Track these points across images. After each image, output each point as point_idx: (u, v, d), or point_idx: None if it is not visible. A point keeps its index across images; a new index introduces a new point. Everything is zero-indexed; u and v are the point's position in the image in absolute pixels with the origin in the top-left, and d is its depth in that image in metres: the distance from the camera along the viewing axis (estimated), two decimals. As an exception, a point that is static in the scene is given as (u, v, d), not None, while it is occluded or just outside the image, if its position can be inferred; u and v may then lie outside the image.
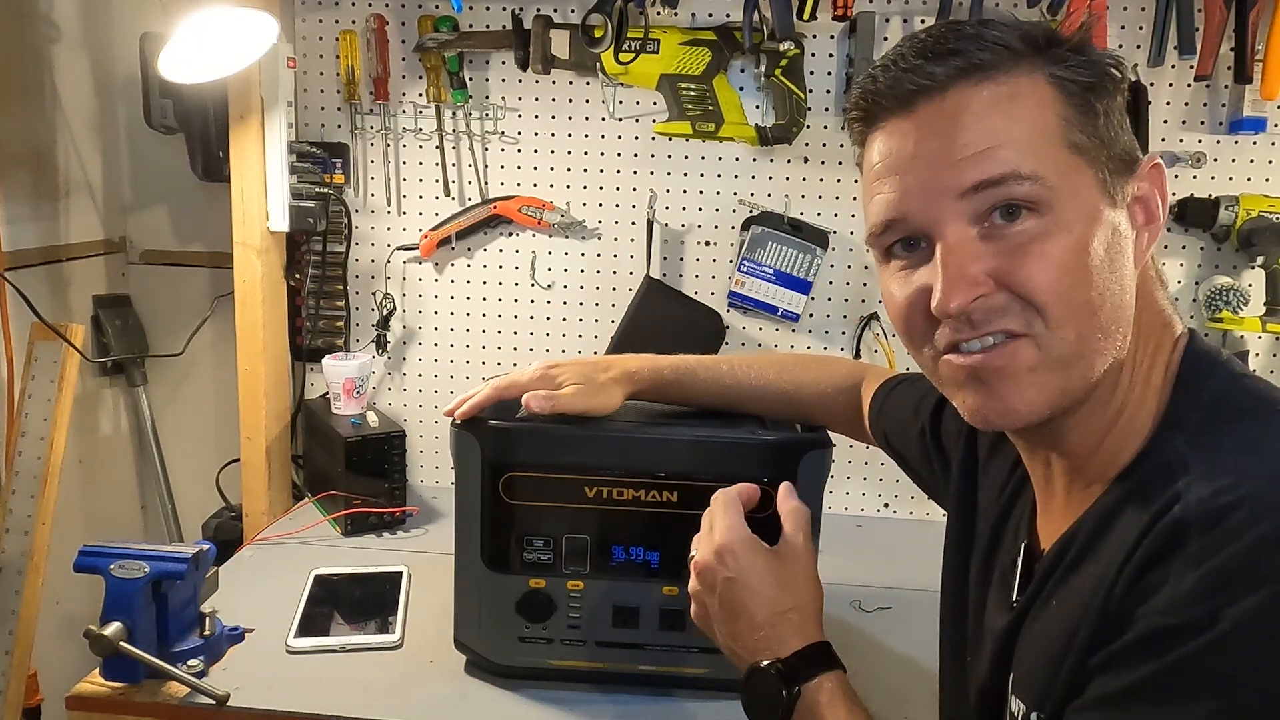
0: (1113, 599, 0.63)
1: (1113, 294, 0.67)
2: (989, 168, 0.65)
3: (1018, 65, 0.67)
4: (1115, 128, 0.68)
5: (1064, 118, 0.67)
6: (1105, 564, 0.65)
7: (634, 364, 1.18)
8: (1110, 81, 0.68)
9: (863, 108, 0.72)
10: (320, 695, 1.14)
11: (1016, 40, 0.68)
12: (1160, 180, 0.71)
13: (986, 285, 0.66)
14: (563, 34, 1.64)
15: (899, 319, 0.73)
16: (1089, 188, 0.67)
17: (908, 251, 0.71)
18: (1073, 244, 0.65)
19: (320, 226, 1.71)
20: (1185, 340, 0.72)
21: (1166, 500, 0.63)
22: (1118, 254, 0.67)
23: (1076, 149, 0.66)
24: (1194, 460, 0.64)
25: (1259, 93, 1.55)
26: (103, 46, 1.81)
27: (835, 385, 1.19)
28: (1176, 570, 0.60)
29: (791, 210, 1.68)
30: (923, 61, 0.67)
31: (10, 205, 1.62)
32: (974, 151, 0.66)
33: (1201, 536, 0.60)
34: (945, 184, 0.66)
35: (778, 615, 0.83)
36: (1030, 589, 0.75)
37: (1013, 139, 0.65)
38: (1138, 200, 0.70)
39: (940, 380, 0.73)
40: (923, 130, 0.67)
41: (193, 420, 1.92)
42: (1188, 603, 0.59)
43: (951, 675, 0.90)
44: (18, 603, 1.48)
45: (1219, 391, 0.68)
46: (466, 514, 1.13)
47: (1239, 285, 1.60)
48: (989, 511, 0.87)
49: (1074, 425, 0.71)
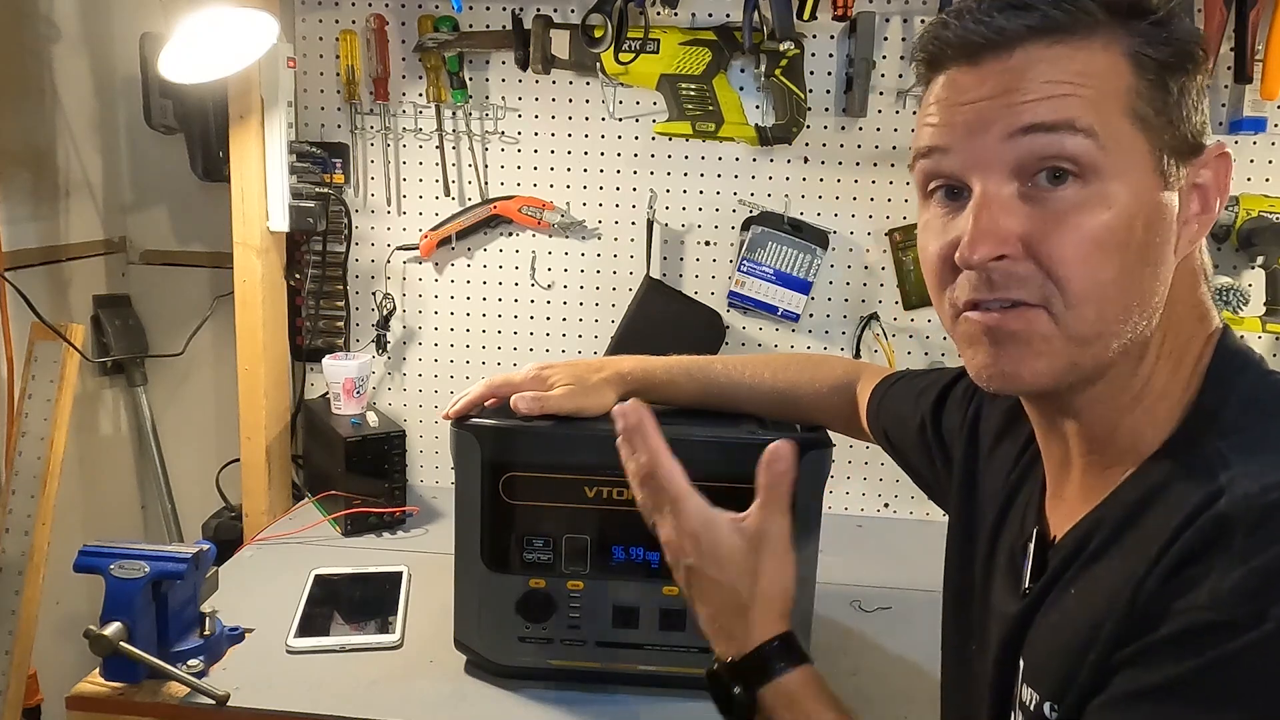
0: (1144, 592, 0.61)
1: (1143, 279, 0.65)
2: (1044, 112, 0.63)
3: (1094, 32, 0.64)
4: (1188, 107, 0.65)
5: (1133, 88, 0.64)
6: (1136, 556, 0.63)
7: (627, 365, 1.18)
8: (1190, 61, 0.66)
9: (930, 52, 0.70)
10: (320, 695, 1.14)
11: (1098, 3, 0.64)
12: (1225, 170, 0.68)
13: (1014, 247, 0.64)
14: (563, 34, 1.64)
15: (928, 266, 0.71)
16: (1142, 163, 0.64)
17: (950, 199, 0.69)
18: (1112, 220, 0.63)
19: (320, 226, 1.71)
20: (1219, 334, 0.70)
21: (1208, 494, 0.60)
22: (1157, 237, 0.65)
23: (1139, 120, 0.64)
24: (1234, 456, 0.62)
25: (1259, 93, 1.55)
26: (103, 46, 1.81)
27: (831, 385, 1.18)
28: (1220, 566, 0.58)
29: (791, 210, 1.68)
30: (995, 15, 0.65)
31: (10, 205, 1.62)
32: (1032, 98, 0.63)
33: (1249, 533, 0.58)
34: (997, 124, 0.65)
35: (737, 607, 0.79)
36: (1046, 576, 0.73)
37: (1076, 92, 0.63)
38: (1196, 188, 0.67)
39: (956, 335, 0.71)
40: (985, 81, 0.65)
41: (193, 420, 1.92)
42: (1232, 599, 0.56)
43: (955, 667, 0.89)
44: (18, 603, 1.48)
45: (1252, 388, 0.67)
46: (466, 514, 1.13)
47: (1239, 285, 1.60)
48: (994, 497, 0.86)
49: (1090, 402, 0.70)
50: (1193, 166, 0.67)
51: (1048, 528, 0.77)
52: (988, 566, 0.84)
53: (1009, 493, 0.85)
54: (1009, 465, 0.86)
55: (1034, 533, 0.78)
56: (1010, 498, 0.84)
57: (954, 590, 0.90)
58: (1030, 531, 0.78)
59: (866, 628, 1.36)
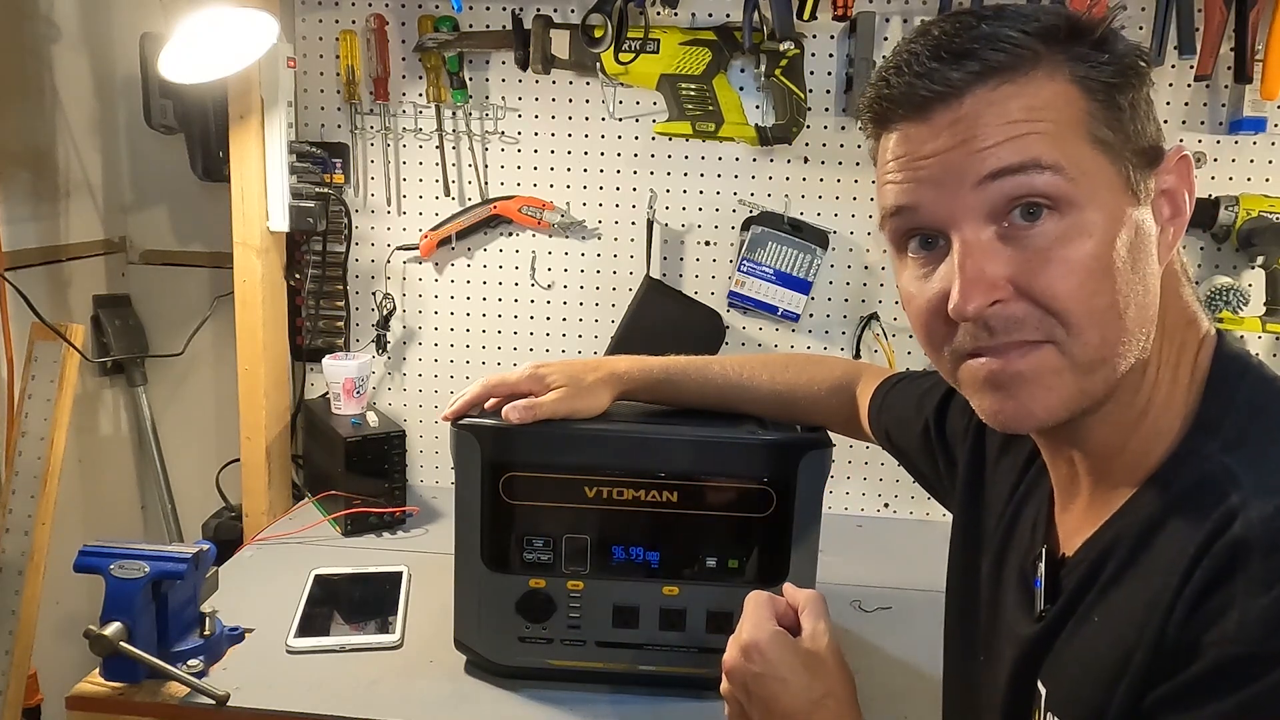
0: (1172, 623, 0.61)
1: (1137, 295, 0.65)
2: (1007, 155, 0.63)
3: (1036, 64, 0.64)
4: (1141, 120, 0.66)
5: (1088, 112, 0.64)
6: (1157, 583, 0.62)
7: (623, 365, 1.18)
8: (1135, 75, 0.66)
9: (876, 111, 0.70)
10: (320, 695, 1.14)
11: (1034, 36, 0.64)
12: (1187, 173, 0.68)
13: (1005, 290, 0.64)
14: (563, 34, 1.64)
15: (917, 322, 0.71)
16: (1112, 184, 0.65)
17: (925, 250, 0.69)
18: (1095, 247, 0.63)
19: (320, 226, 1.71)
20: (1214, 340, 0.70)
21: (1222, 516, 0.60)
22: (1141, 252, 0.65)
23: (1100, 144, 0.64)
24: (1243, 472, 0.62)
25: (1259, 93, 1.55)
26: (103, 46, 1.81)
27: (829, 385, 1.18)
28: (1242, 593, 0.57)
29: (791, 210, 1.68)
30: (936, 65, 0.65)
31: (10, 205, 1.62)
32: (993, 143, 0.63)
33: (1266, 558, 0.57)
34: (962, 174, 0.64)
35: (812, 703, 0.79)
36: (1063, 600, 0.72)
37: (1034, 129, 0.63)
38: (1164, 194, 0.68)
39: (959, 383, 0.71)
40: (939, 133, 0.65)
41: (193, 420, 1.92)
42: (1260, 631, 0.56)
43: (959, 675, 0.89)
44: (18, 603, 1.48)
45: (1253, 396, 0.67)
46: (466, 514, 1.13)
47: (1239, 285, 1.60)
48: (1000, 508, 0.85)
49: (1096, 424, 0.69)
50: (1157, 174, 0.67)
51: (1057, 544, 0.77)
52: (995, 579, 0.83)
53: (1017, 504, 0.84)
54: (1015, 474, 0.85)
55: (1043, 550, 0.77)
56: (1018, 509, 0.83)
57: (958, 598, 0.90)
58: (1039, 547, 0.78)
59: (866, 628, 1.36)
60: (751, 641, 0.81)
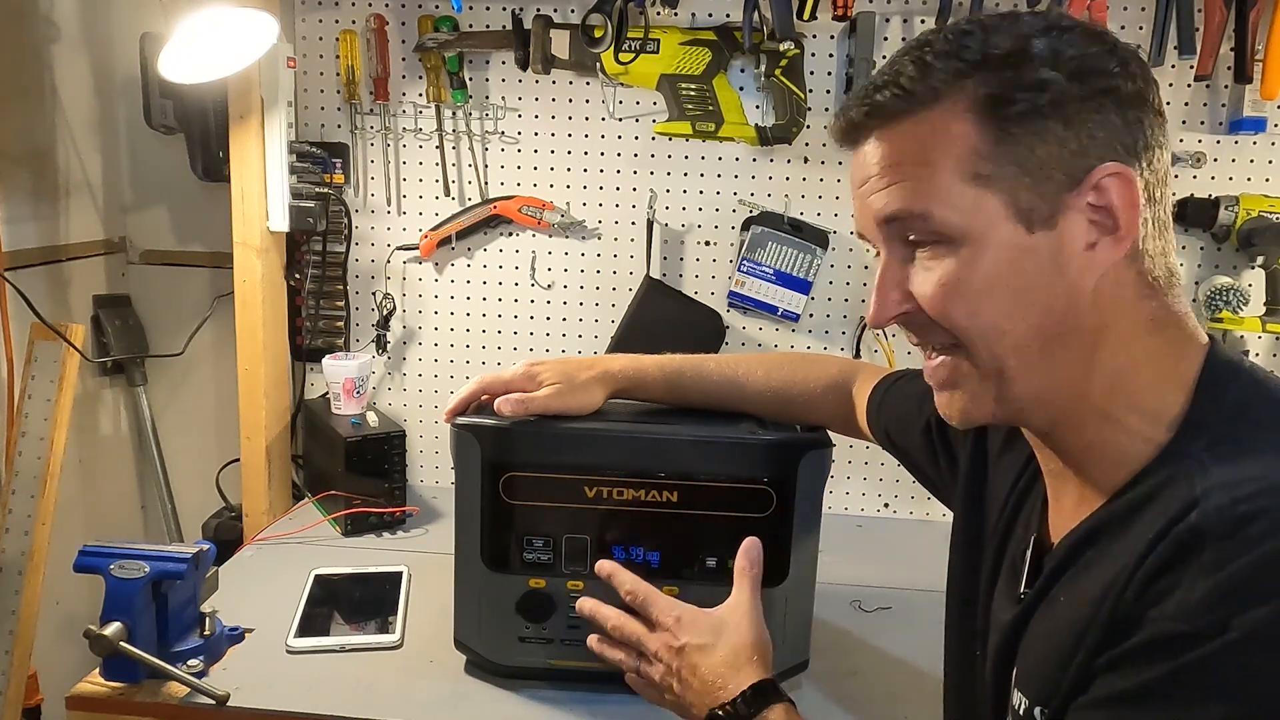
0: (1124, 601, 0.64)
1: (1027, 315, 0.68)
2: (884, 203, 0.70)
3: (937, 99, 0.67)
4: (1051, 146, 0.66)
5: (973, 149, 0.66)
6: (1117, 566, 0.65)
7: (617, 363, 1.18)
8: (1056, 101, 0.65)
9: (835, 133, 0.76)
10: (320, 695, 1.14)
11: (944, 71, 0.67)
12: (1122, 188, 0.66)
13: (908, 304, 0.71)
14: (563, 34, 1.64)
15: None
16: (995, 214, 0.67)
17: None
18: (966, 272, 0.68)
19: (320, 226, 1.71)
20: (1206, 345, 0.71)
21: (1184, 505, 0.62)
22: (1039, 273, 0.67)
23: (981, 179, 0.67)
24: (1213, 466, 0.64)
25: (1259, 93, 1.55)
26: (103, 46, 1.81)
27: (825, 384, 1.18)
28: (1189, 577, 0.60)
29: (791, 210, 1.68)
30: (853, 105, 0.72)
31: (10, 205, 1.62)
32: (877, 190, 0.71)
33: (1217, 545, 0.60)
34: (870, 213, 0.72)
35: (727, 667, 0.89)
36: (1039, 584, 0.75)
37: (905, 177, 0.69)
38: (1093, 209, 0.67)
39: None
40: (855, 169, 0.74)
41: (193, 420, 1.92)
42: (1198, 611, 0.59)
43: (959, 670, 0.90)
44: (18, 603, 1.48)
45: (1241, 397, 0.68)
46: (466, 514, 1.13)
47: (1239, 285, 1.60)
48: (1001, 505, 0.87)
49: (1066, 432, 0.73)
50: (1076, 194, 0.66)
51: (1047, 535, 0.79)
52: (993, 572, 0.85)
53: (1016, 500, 0.85)
54: (1016, 471, 0.86)
55: (1033, 538, 0.79)
56: (1018, 506, 0.85)
57: (959, 593, 0.90)
58: (1030, 538, 0.80)
59: (866, 628, 1.36)
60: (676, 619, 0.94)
